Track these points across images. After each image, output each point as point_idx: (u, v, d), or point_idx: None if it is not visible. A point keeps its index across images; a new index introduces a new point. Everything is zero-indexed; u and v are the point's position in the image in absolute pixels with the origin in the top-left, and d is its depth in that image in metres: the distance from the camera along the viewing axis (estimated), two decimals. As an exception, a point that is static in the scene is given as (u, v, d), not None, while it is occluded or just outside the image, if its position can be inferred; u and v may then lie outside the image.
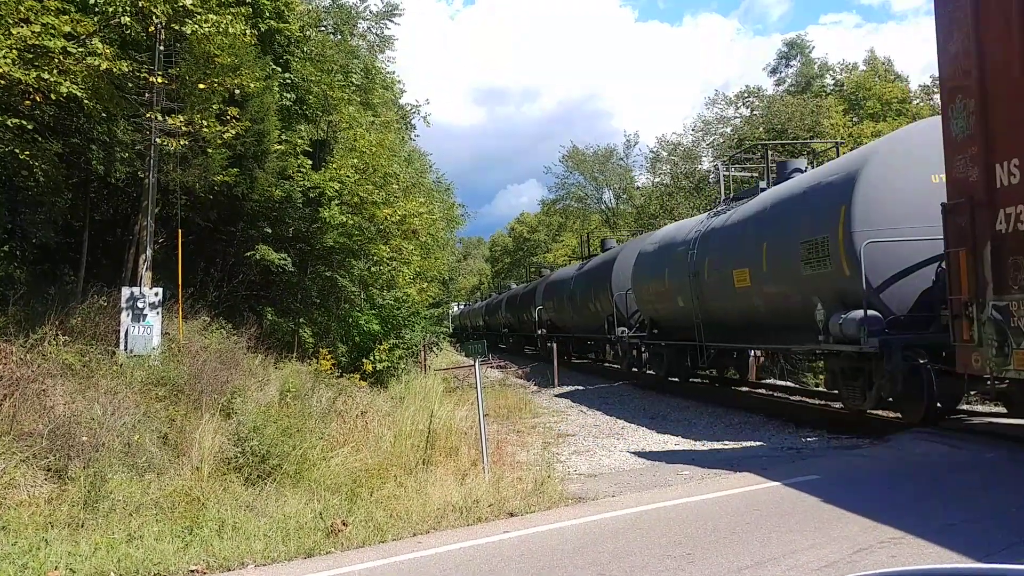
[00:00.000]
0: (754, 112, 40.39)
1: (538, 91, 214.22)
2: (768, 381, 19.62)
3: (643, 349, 20.84)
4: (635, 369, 22.02)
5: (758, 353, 19.31)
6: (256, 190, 14.79)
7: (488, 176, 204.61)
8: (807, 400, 16.22)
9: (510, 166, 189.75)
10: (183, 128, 10.99)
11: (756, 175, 31.55)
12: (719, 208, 17.12)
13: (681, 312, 17.47)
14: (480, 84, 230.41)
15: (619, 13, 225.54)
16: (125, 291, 11.31)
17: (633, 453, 11.42)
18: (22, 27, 9.02)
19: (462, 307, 76.01)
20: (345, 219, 16.02)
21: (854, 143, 26.76)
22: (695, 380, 20.31)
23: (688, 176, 41.53)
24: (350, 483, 8.38)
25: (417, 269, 21.30)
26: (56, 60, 9.38)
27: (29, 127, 9.88)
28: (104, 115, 11.39)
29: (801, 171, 15.01)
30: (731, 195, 17.69)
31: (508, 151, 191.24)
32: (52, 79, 9.24)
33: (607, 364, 29.69)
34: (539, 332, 33.22)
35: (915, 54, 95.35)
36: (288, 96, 16.03)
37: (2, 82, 8.93)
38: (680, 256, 17.34)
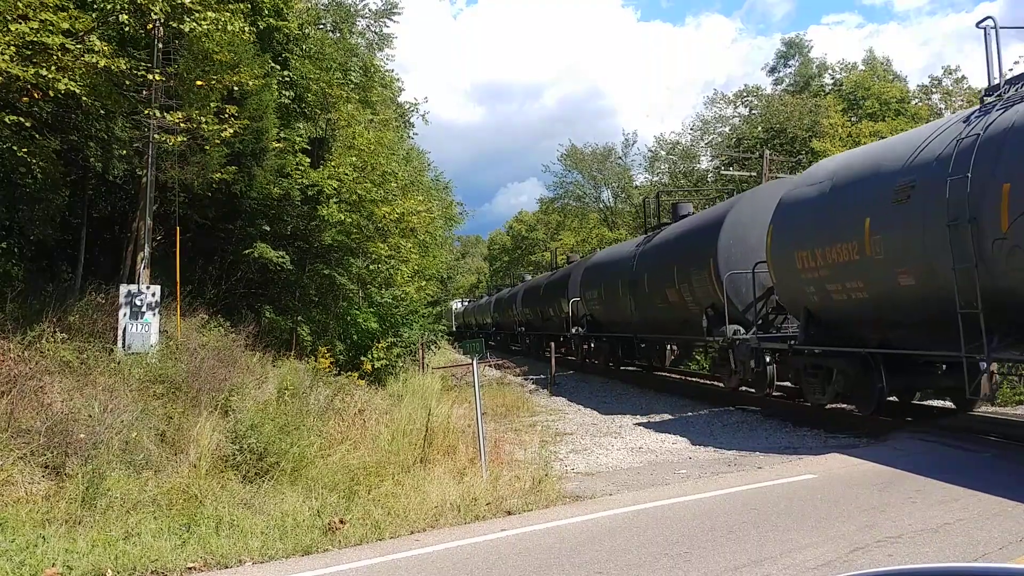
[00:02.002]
0: (753, 112, 40.44)
1: (540, 89, 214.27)
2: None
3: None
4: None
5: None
6: (254, 188, 14.78)
7: (488, 174, 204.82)
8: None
9: (511, 164, 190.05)
10: (181, 125, 10.97)
11: (754, 175, 31.61)
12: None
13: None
14: (482, 83, 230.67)
15: (621, 13, 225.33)
16: (123, 288, 11.30)
17: (631, 451, 11.43)
18: (20, 23, 9.00)
19: (466, 303, 72.98)
20: (343, 217, 16.02)
21: (852, 142, 26.79)
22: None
23: (686, 175, 41.58)
24: (348, 481, 8.38)
25: (415, 267, 21.30)
26: (54, 57, 9.36)
27: (27, 124, 9.86)
28: (102, 112, 11.38)
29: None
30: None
31: (509, 149, 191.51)
32: (50, 76, 9.22)
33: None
34: (573, 331, 27.05)
35: (915, 55, 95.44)
36: (287, 94, 16.01)
37: (0, 79, 8.91)
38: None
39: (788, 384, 14.90)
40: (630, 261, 20.98)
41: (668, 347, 22.95)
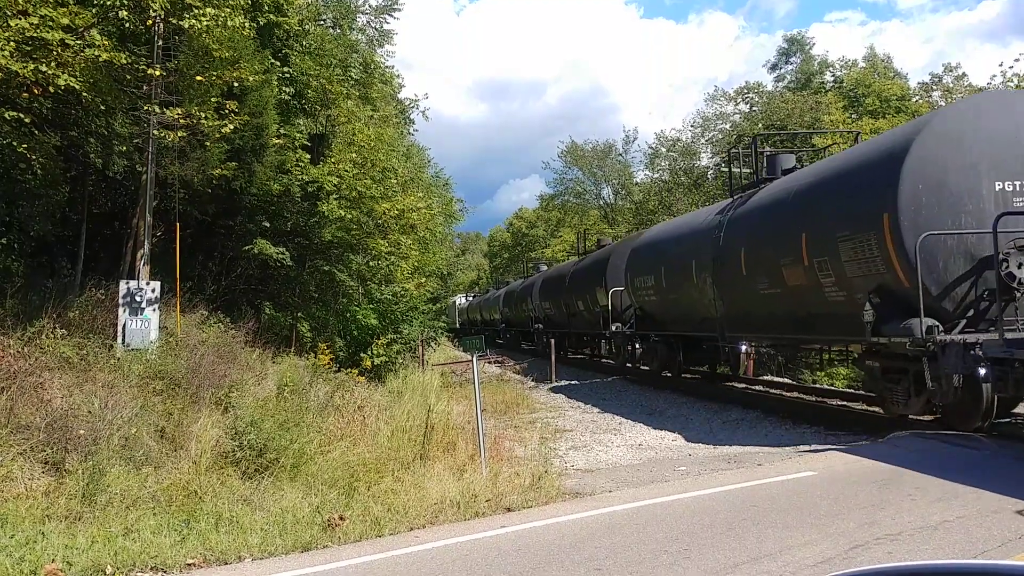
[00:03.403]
0: (753, 108, 40.40)
1: (543, 87, 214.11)
2: (766, 378, 19.60)
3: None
4: None
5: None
6: (254, 184, 14.78)
7: (491, 171, 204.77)
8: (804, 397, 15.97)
9: (513, 161, 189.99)
10: (181, 121, 10.97)
11: (754, 171, 31.57)
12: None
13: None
14: (484, 79, 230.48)
15: (624, 10, 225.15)
16: (123, 285, 11.30)
17: (630, 448, 11.44)
18: (20, 19, 8.98)
19: (470, 298, 68.29)
20: (343, 213, 16.02)
21: (853, 140, 26.76)
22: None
23: (687, 172, 41.54)
24: (347, 477, 8.38)
25: (415, 264, 21.31)
26: (54, 52, 9.35)
27: (27, 120, 9.85)
28: (102, 108, 11.36)
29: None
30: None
31: (511, 146, 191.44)
32: (50, 71, 9.21)
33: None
34: (614, 328, 21.65)
35: (918, 53, 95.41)
36: (287, 90, 16.00)
37: (0, 75, 8.89)
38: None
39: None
40: (710, 234, 15.42)
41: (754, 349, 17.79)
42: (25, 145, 10.34)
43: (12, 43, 8.88)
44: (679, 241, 17.49)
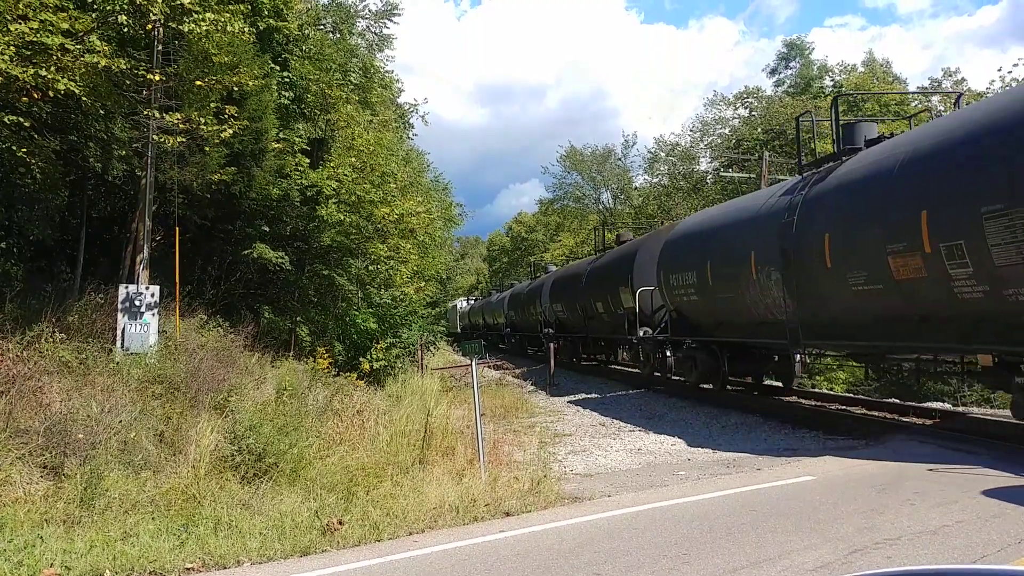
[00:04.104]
0: (752, 113, 40.48)
1: (543, 91, 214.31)
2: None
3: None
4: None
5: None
6: (254, 188, 14.79)
7: (491, 175, 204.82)
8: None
9: (513, 165, 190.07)
10: (180, 125, 10.98)
11: (753, 176, 31.63)
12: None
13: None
14: (485, 84, 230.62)
15: (625, 16, 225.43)
16: (122, 289, 11.30)
17: (629, 453, 11.43)
18: (20, 23, 9.00)
19: (472, 302, 65.19)
20: (343, 218, 16.03)
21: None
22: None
23: (686, 177, 41.60)
24: (346, 482, 8.38)
25: (414, 268, 21.31)
26: (54, 57, 9.36)
27: (27, 124, 9.86)
28: (102, 112, 11.38)
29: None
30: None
31: (512, 150, 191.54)
32: (50, 76, 9.22)
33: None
34: (640, 333, 19.04)
35: (917, 58, 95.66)
36: (286, 94, 16.02)
37: (0, 79, 8.90)
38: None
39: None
40: (776, 219, 12.68)
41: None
42: (25, 149, 10.35)
43: (12, 47, 8.90)
44: (730, 230, 14.59)
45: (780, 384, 16.65)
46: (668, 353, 17.81)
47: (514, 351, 42.24)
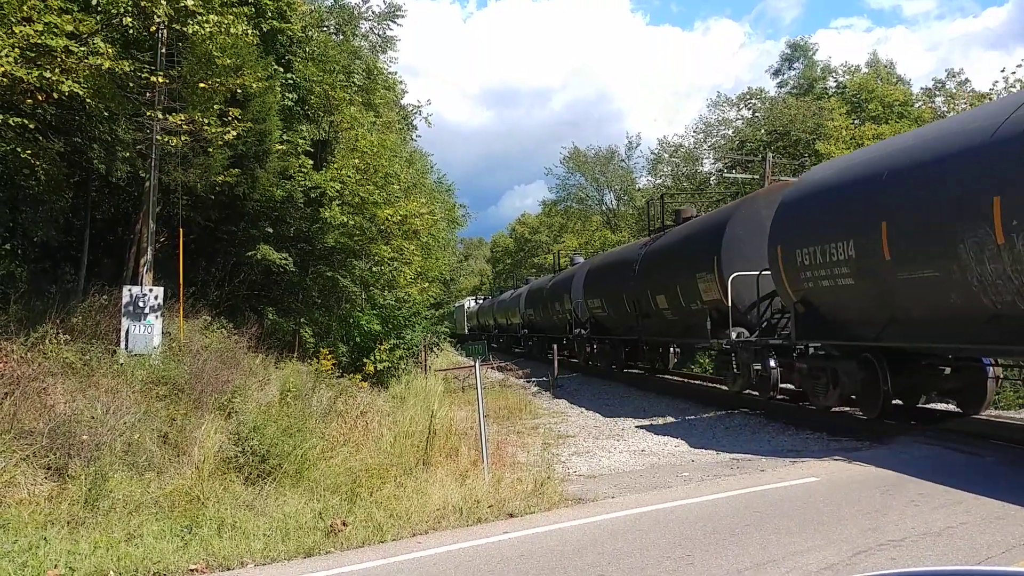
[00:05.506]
0: (756, 114, 40.45)
1: (548, 94, 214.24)
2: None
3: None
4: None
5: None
6: (257, 190, 14.81)
7: (496, 177, 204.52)
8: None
9: (518, 167, 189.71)
10: (184, 127, 11.00)
11: (756, 177, 31.60)
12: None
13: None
14: (490, 87, 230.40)
15: (630, 18, 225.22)
16: (126, 290, 11.33)
17: (633, 454, 11.42)
18: (25, 26, 9.02)
19: (480, 301, 61.47)
20: (346, 219, 16.05)
21: (856, 145, 26.78)
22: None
23: (689, 178, 41.57)
24: (350, 483, 8.38)
25: (418, 269, 21.33)
26: (59, 59, 9.38)
27: (31, 126, 9.88)
28: (106, 114, 11.40)
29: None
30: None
31: (517, 152, 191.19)
32: (54, 78, 9.24)
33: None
34: (732, 335, 14.51)
35: (923, 60, 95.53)
36: (290, 96, 16.05)
37: (5, 81, 8.93)
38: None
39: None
40: (1006, 152, 8.34)
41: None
42: (29, 151, 10.37)
43: (17, 49, 8.92)
44: (934, 169, 9.47)
45: (958, 409, 12.22)
46: (772, 363, 13.49)
47: (532, 355, 36.10)
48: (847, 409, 13.49)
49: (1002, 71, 58.41)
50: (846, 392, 12.12)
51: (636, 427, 13.90)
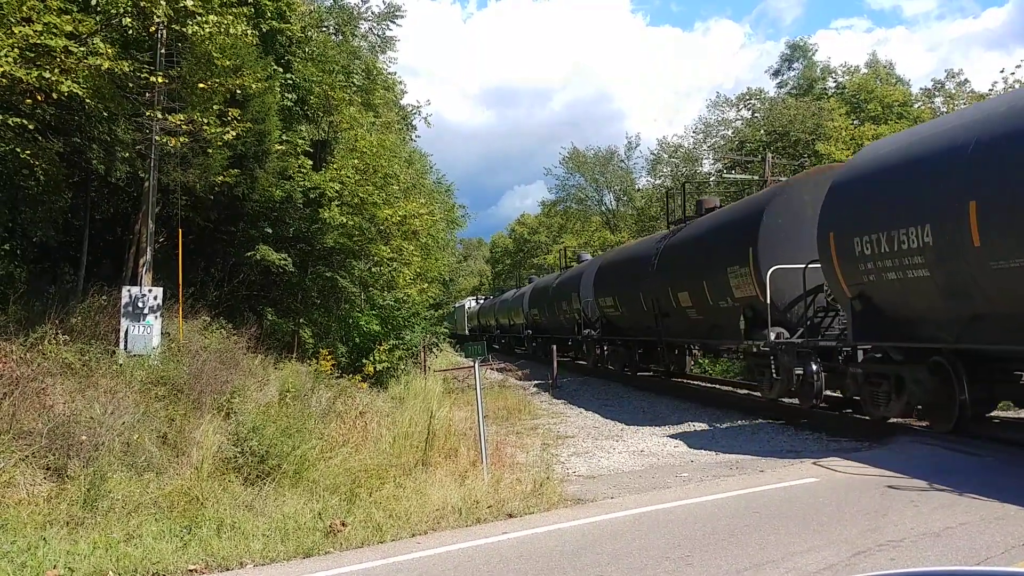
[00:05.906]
0: (755, 114, 40.47)
1: (548, 94, 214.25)
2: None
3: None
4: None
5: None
6: (257, 190, 14.80)
7: (496, 177, 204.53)
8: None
9: (518, 167, 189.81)
10: (183, 127, 11.00)
11: (756, 178, 31.62)
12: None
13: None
14: (491, 87, 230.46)
15: (631, 19, 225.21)
16: (125, 291, 11.32)
17: (632, 455, 11.42)
18: (24, 26, 9.02)
19: (481, 300, 60.64)
20: (345, 220, 16.04)
21: (856, 145, 26.80)
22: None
23: (689, 178, 41.60)
24: (349, 483, 8.38)
25: (417, 270, 21.31)
26: (58, 59, 9.38)
27: (30, 126, 9.88)
28: (105, 115, 11.40)
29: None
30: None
31: (516, 153, 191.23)
32: (54, 78, 9.24)
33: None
34: (771, 336, 13.00)
35: (923, 60, 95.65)
36: (289, 96, 16.04)
37: (4, 81, 8.93)
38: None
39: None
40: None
41: None
42: (28, 151, 10.36)
43: (16, 49, 8.92)
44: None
45: None
46: (814, 367, 12.40)
47: (537, 356, 34.55)
48: (848, 410, 13.50)
49: (1001, 71, 58.52)
50: (913, 401, 10.72)
51: (636, 427, 13.95)
